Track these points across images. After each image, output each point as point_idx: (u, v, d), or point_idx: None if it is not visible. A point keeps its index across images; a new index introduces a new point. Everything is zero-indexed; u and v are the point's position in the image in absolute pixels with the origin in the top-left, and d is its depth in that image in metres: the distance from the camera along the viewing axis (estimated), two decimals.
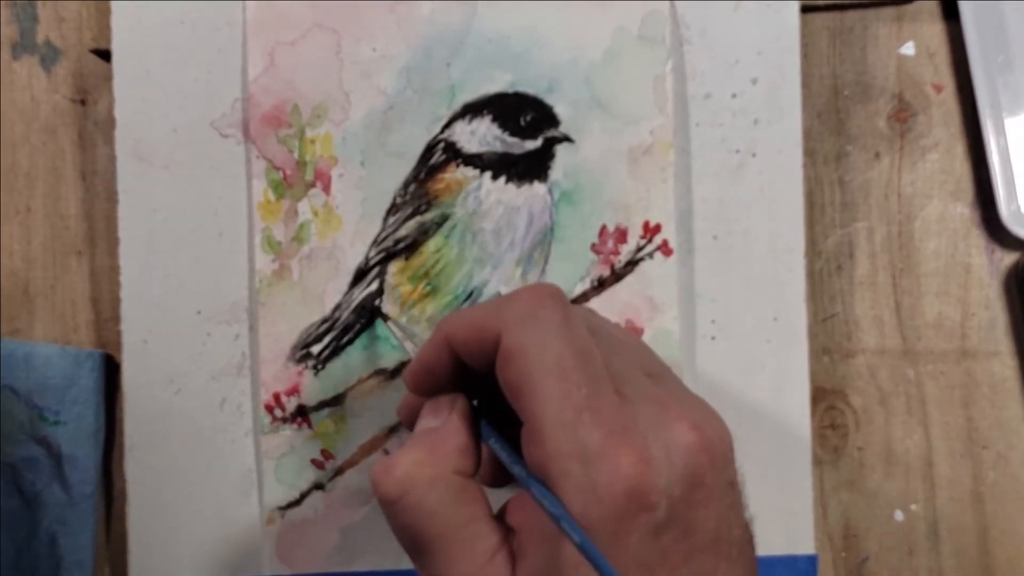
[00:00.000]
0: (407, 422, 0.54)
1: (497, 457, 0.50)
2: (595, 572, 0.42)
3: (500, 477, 0.53)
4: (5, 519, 0.69)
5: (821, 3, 0.72)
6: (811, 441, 0.69)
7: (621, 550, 0.43)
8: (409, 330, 0.66)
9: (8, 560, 0.69)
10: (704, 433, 0.46)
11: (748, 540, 0.49)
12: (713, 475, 0.46)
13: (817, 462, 0.72)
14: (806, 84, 0.71)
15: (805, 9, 0.71)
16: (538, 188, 0.69)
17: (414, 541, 0.48)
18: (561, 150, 0.69)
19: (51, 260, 0.72)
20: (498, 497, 0.50)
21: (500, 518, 0.49)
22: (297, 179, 0.68)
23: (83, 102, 0.72)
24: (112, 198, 0.69)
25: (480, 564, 0.47)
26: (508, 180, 0.68)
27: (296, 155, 0.68)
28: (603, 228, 0.68)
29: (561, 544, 0.44)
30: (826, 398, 0.72)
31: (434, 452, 0.49)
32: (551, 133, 0.69)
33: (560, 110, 0.69)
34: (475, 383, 0.51)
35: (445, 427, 0.50)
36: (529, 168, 0.69)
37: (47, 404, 0.69)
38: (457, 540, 0.47)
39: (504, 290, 0.68)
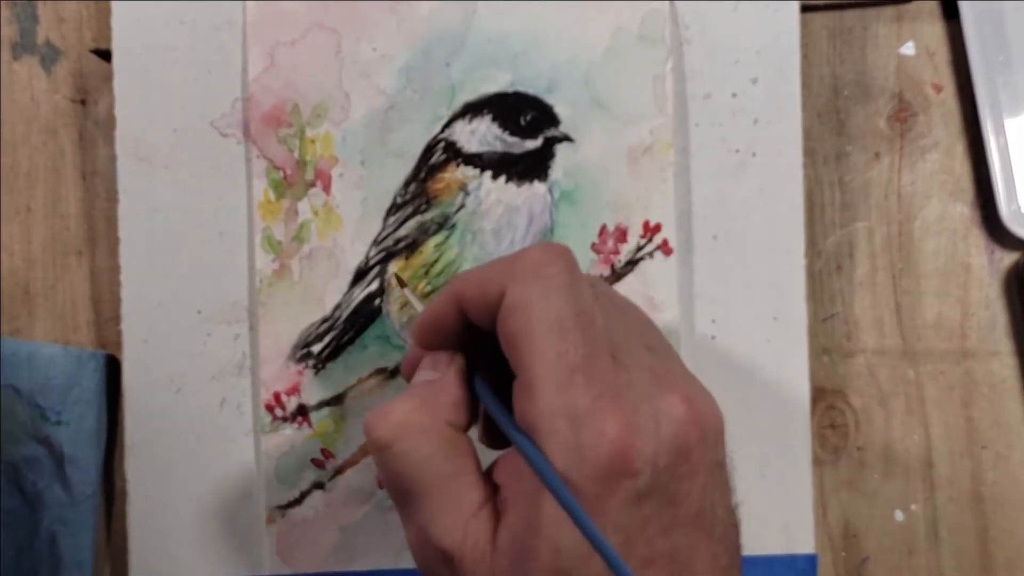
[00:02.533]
0: (407, 376, 0.54)
1: (488, 420, 0.51)
2: (576, 530, 0.42)
3: (497, 438, 0.53)
4: (6, 519, 0.69)
5: (821, 3, 0.72)
6: (811, 441, 0.69)
7: (601, 513, 0.43)
8: (420, 299, 0.66)
9: (8, 560, 0.69)
10: (695, 407, 0.46)
11: (733, 524, 0.49)
12: (701, 450, 0.46)
13: (817, 462, 0.72)
14: (806, 84, 0.71)
15: (805, 9, 0.71)
16: (538, 188, 0.69)
17: (401, 489, 0.49)
18: (561, 150, 0.69)
19: (51, 260, 0.72)
20: (492, 458, 0.51)
21: (488, 476, 0.49)
22: (297, 179, 0.68)
23: (83, 102, 0.72)
24: (112, 198, 0.69)
25: (464, 517, 0.47)
26: (508, 180, 0.68)
27: (296, 155, 0.68)
28: (603, 228, 0.68)
29: (543, 501, 0.44)
30: (826, 398, 0.72)
31: (428, 402, 0.49)
32: (551, 133, 0.69)
33: (560, 110, 0.69)
34: (479, 345, 0.51)
35: (442, 380, 0.50)
36: (529, 168, 0.69)
37: (49, 404, 0.69)
38: (444, 491, 0.48)
39: None
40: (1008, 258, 0.72)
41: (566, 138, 0.69)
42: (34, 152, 0.72)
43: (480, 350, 0.51)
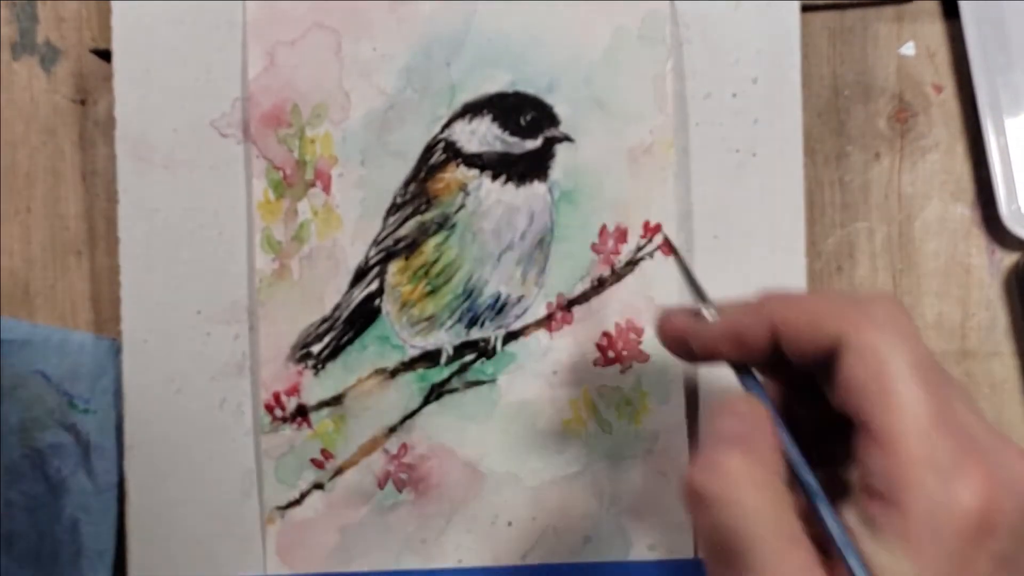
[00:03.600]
0: (665, 338, 0.53)
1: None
2: None
3: None
4: (29, 504, 0.69)
5: (821, 3, 0.72)
6: None
7: (968, 573, 0.42)
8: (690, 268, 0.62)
9: (30, 545, 0.69)
10: None
11: None
12: None
13: None
14: (806, 84, 0.71)
15: (805, 8, 0.70)
16: (538, 188, 0.69)
17: (728, 546, 0.45)
18: (561, 150, 0.69)
19: (51, 260, 0.72)
20: None
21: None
22: (297, 178, 0.68)
23: (83, 102, 0.72)
24: (112, 198, 0.69)
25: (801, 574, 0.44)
26: (508, 180, 0.68)
27: (296, 154, 0.68)
28: (603, 228, 0.68)
29: None
30: None
31: (755, 453, 0.46)
32: (551, 133, 0.69)
33: (560, 110, 0.69)
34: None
35: (756, 430, 0.47)
36: (529, 168, 0.69)
37: (78, 392, 0.70)
38: (778, 549, 0.44)
39: (504, 290, 0.68)
40: (1008, 258, 0.72)
41: (566, 138, 0.69)
42: (34, 152, 0.72)
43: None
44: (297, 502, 0.69)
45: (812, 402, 0.49)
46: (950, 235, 0.73)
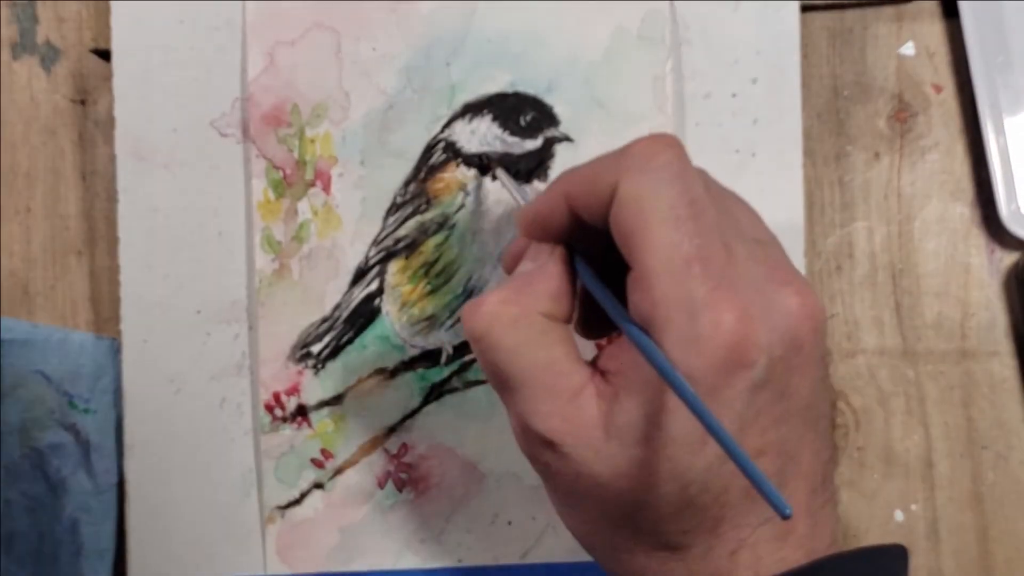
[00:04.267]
0: (507, 267, 0.55)
1: (590, 308, 0.52)
2: (691, 419, 0.43)
3: (592, 328, 0.54)
4: (29, 504, 0.69)
5: (821, 3, 0.72)
6: None
7: (718, 403, 0.44)
8: (519, 187, 0.65)
9: (30, 545, 0.69)
10: (808, 300, 0.47)
11: (833, 419, 0.50)
12: (811, 343, 0.47)
13: None
14: (806, 84, 0.71)
15: (805, 9, 0.71)
16: (538, 187, 0.68)
17: (498, 378, 0.49)
18: (561, 149, 0.69)
19: (51, 260, 0.72)
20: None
21: (591, 363, 0.49)
22: (297, 178, 0.68)
23: (83, 102, 0.72)
24: (112, 198, 0.69)
25: (561, 403, 0.47)
26: None
27: (296, 154, 0.68)
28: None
29: (660, 392, 0.45)
30: None
31: (521, 292, 0.49)
32: (551, 133, 0.69)
33: (560, 110, 0.69)
34: (585, 242, 0.51)
35: (539, 270, 0.50)
36: (529, 167, 0.68)
37: (78, 391, 0.70)
38: (539, 378, 0.48)
39: None
40: (1008, 258, 0.72)
41: (566, 138, 0.69)
42: (34, 152, 0.72)
43: (587, 247, 0.51)
44: (297, 502, 0.69)
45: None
46: (950, 235, 0.73)
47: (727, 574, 0.47)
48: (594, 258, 0.51)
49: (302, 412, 0.69)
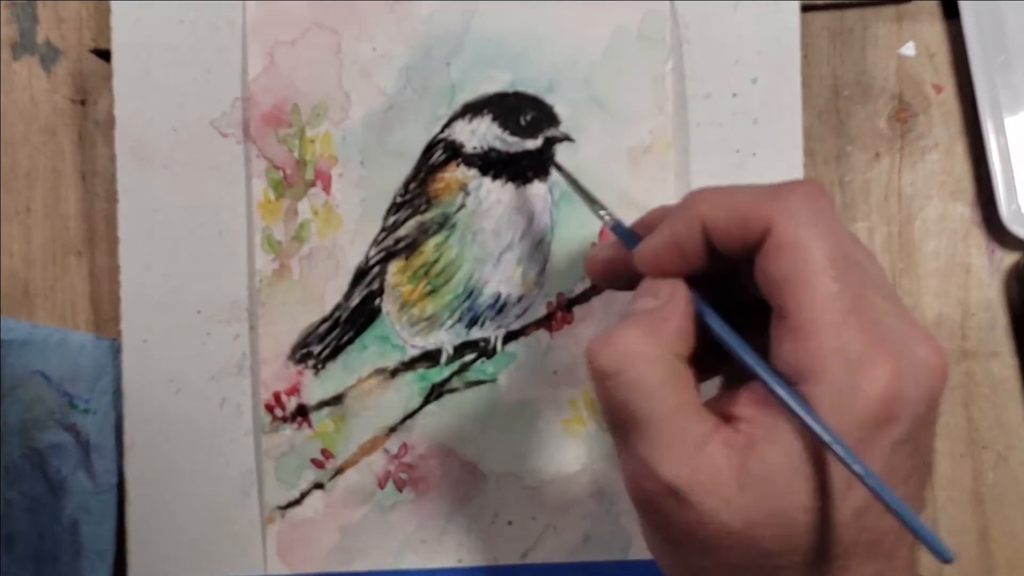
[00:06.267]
0: (596, 276, 0.55)
1: (706, 347, 0.50)
2: (836, 476, 0.44)
3: (706, 369, 0.52)
4: (29, 504, 0.69)
5: (821, 3, 0.72)
6: None
7: (864, 458, 0.43)
8: (584, 186, 0.63)
9: (31, 545, 0.69)
10: (943, 358, 0.46)
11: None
12: (939, 400, 0.47)
13: None
14: (806, 84, 0.71)
15: (805, 9, 0.70)
16: (538, 187, 0.69)
17: (623, 419, 0.47)
18: (561, 149, 0.69)
19: (51, 260, 0.72)
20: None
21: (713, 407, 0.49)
22: (297, 178, 0.68)
23: (83, 102, 0.72)
24: (112, 198, 0.69)
25: (691, 449, 0.46)
26: (508, 179, 0.68)
27: (296, 154, 0.68)
28: (603, 228, 0.68)
29: (802, 444, 0.44)
30: None
31: (655, 331, 0.48)
32: (551, 132, 0.69)
33: (560, 109, 0.69)
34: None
35: (667, 308, 0.49)
36: (529, 167, 0.68)
37: (78, 392, 0.70)
38: (670, 422, 0.46)
39: (504, 289, 0.69)
40: (1008, 258, 0.72)
41: (566, 138, 0.69)
42: (34, 152, 0.72)
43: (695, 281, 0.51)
44: (297, 502, 0.69)
45: (734, 295, 0.51)
46: (950, 235, 0.73)
47: None
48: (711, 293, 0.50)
49: (302, 412, 0.69)
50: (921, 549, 0.44)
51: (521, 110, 0.69)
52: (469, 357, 0.69)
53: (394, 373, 0.69)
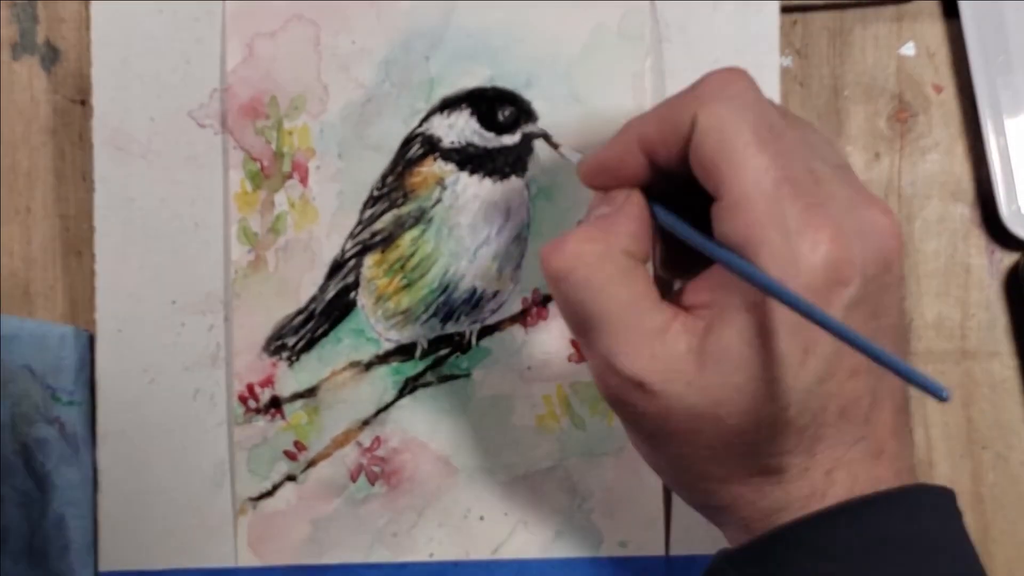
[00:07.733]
0: (589, 183, 0.55)
1: (667, 252, 0.53)
2: (794, 342, 0.45)
3: (677, 267, 0.54)
4: (20, 499, 0.70)
5: (821, 3, 0.72)
6: None
7: None
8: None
9: (24, 540, 0.70)
10: (893, 219, 0.48)
11: (908, 334, 0.49)
12: (898, 263, 0.48)
13: None
14: (806, 84, 0.71)
15: (805, 9, 0.71)
16: (515, 183, 0.68)
17: (581, 318, 0.50)
18: (539, 145, 0.69)
19: (51, 260, 0.73)
20: None
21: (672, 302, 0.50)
22: (274, 170, 0.69)
23: (83, 102, 0.73)
24: None
25: (649, 339, 0.48)
26: (485, 175, 0.68)
27: (273, 146, 0.69)
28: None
29: (757, 316, 0.45)
30: None
31: (605, 232, 0.50)
32: (529, 128, 0.69)
33: (538, 105, 0.69)
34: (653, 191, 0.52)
35: (617, 212, 0.51)
36: (507, 163, 0.68)
37: (61, 384, 0.70)
38: (625, 317, 0.48)
39: (480, 284, 0.68)
40: (1008, 258, 0.72)
41: (544, 134, 0.68)
42: (34, 152, 0.73)
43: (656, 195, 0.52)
44: (269, 493, 0.69)
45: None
46: (950, 235, 0.72)
47: (823, 493, 0.48)
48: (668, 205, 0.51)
49: (276, 404, 0.69)
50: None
51: (499, 105, 0.69)
52: (444, 351, 0.69)
53: (368, 366, 0.69)
